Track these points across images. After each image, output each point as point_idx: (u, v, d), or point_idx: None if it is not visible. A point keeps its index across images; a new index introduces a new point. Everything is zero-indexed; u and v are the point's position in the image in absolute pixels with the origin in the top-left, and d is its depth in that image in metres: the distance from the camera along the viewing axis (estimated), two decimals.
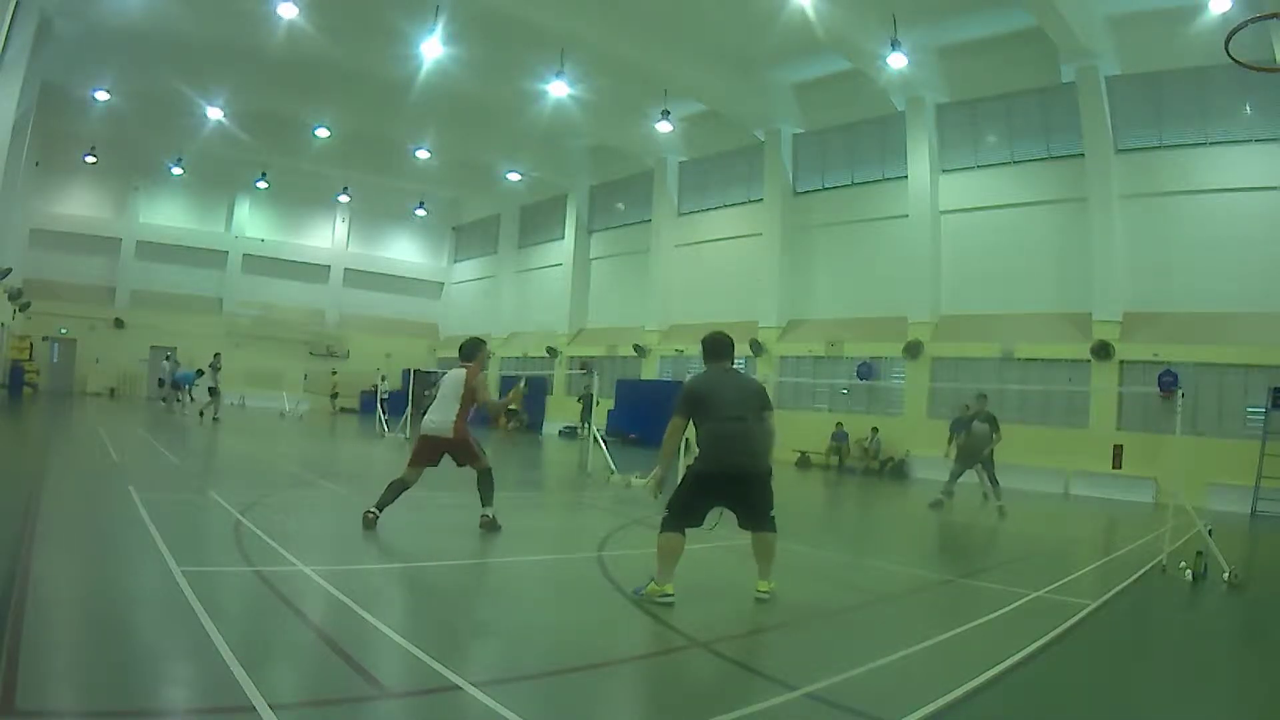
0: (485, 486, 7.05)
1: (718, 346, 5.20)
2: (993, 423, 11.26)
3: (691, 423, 4.99)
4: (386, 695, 3.19)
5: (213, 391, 19.84)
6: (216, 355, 20.50)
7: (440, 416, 6.89)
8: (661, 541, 4.82)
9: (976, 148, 18.69)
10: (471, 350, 7.27)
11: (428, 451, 6.91)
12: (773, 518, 5.02)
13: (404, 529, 6.78)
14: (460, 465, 7.08)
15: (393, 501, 6.74)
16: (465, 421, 6.94)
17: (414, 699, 3.20)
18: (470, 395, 6.92)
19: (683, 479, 5.09)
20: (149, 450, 12.49)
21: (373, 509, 6.66)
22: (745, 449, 4.85)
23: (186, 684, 3.13)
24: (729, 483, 4.86)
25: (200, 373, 21.08)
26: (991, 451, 11.31)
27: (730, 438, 4.83)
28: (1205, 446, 13.80)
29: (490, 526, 6.93)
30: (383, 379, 31.09)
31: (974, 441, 11.28)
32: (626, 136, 24.52)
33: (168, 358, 27.31)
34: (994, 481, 11.42)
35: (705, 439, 4.90)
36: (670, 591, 4.73)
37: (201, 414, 19.50)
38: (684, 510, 4.85)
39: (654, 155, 25.17)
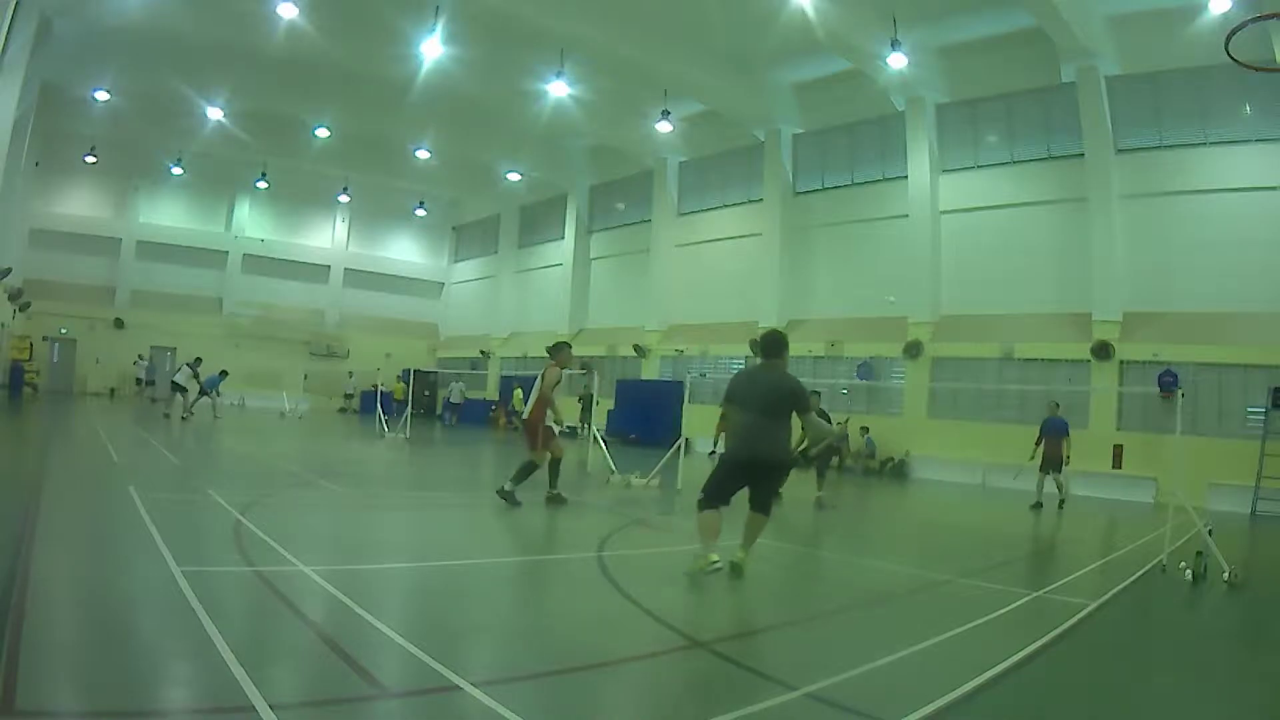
0: (523, 471, 8.50)
1: (766, 345, 5.87)
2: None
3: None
4: (386, 695, 3.18)
5: (176, 388, 19.53)
6: (198, 360, 20.06)
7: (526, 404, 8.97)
8: (700, 519, 5.48)
9: (976, 148, 18.68)
10: (553, 351, 9.05)
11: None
12: (772, 503, 5.76)
13: (405, 529, 6.79)
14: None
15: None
16: (542, 412, 8.66)
17: (414, 699, 3.20)
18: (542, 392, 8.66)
19: (716, 464, 5.87)
20: (149, 450, 12.49)
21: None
22: (763, 441, 5.48)
23: (187, 684, 3.13)
24: (750, 468, 5.53)
25: (224, 374, 20.95)
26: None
27: (751, 430, 5.50)
28: (1205, 446, 13.79)
29: (507, 498, 8.26)
30: (350, 375, 31.50)
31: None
32: (626, 136, 24.51)
33: (139, 359, 27.38)
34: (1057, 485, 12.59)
35: (732, 429, 5.75)
36: (716, 559, 5.20)
37: (184, 415, 18.99)
38: (715, 490, 5.55)
39: (654, 155, 25.16)
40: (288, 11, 16.68)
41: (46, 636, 3.41)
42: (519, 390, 25.60)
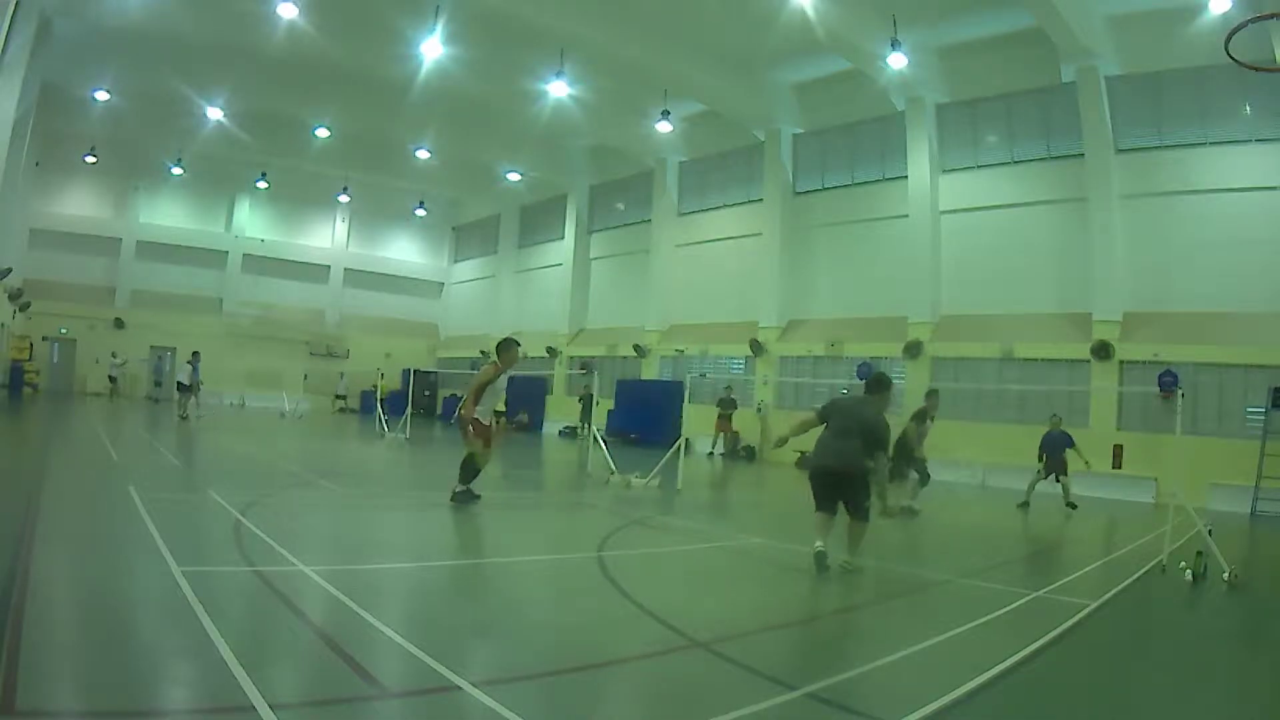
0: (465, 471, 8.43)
1: (868, 382, 6.83)
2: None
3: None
4: (386, 695, 3.18)
5: (182, 388, 19.43)
6: (195, 354, 19.96)
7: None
8: (813, 518, 6.29)
9: (976, 148, 18.67)
10: (499, 348, 8.59)
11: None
12: (868, 509, 6.28)
13: (404, 529, 6.79)
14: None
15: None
16: (471, 407, 8.36)
17: (414, 699, 3.20)
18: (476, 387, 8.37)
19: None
20: (149, 450, 12.49)
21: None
22: (832, 455, 6.26)
23: (187, 684, 3.13)
24: (825, 476, 6.28)
25: (197, 355, 20.43)
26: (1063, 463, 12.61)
27: (824, 445, 6.34)
28: (1205, 446, 13.79)
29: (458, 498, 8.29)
30: (341, 375, 31.66)
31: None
32: (626, 136, 24.50)
33: (114, 357, 27.37)
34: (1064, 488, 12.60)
35: (815, 443, 6.47)
36: (819, 545, 6.02)
37: (182, 415, 18.91)
38: (816, 499, 6.33)
39: (654, 155, 25.14)
40: (288, 11, 16.66)
41: (46, 636, 3.40)
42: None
